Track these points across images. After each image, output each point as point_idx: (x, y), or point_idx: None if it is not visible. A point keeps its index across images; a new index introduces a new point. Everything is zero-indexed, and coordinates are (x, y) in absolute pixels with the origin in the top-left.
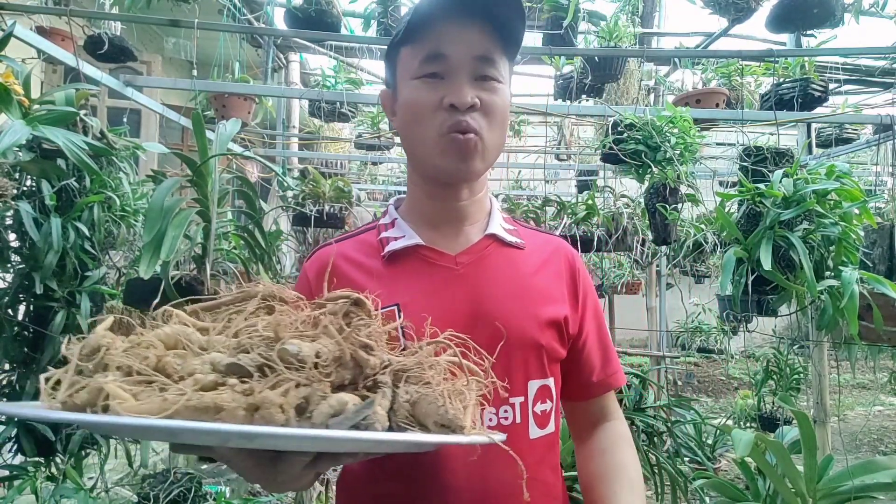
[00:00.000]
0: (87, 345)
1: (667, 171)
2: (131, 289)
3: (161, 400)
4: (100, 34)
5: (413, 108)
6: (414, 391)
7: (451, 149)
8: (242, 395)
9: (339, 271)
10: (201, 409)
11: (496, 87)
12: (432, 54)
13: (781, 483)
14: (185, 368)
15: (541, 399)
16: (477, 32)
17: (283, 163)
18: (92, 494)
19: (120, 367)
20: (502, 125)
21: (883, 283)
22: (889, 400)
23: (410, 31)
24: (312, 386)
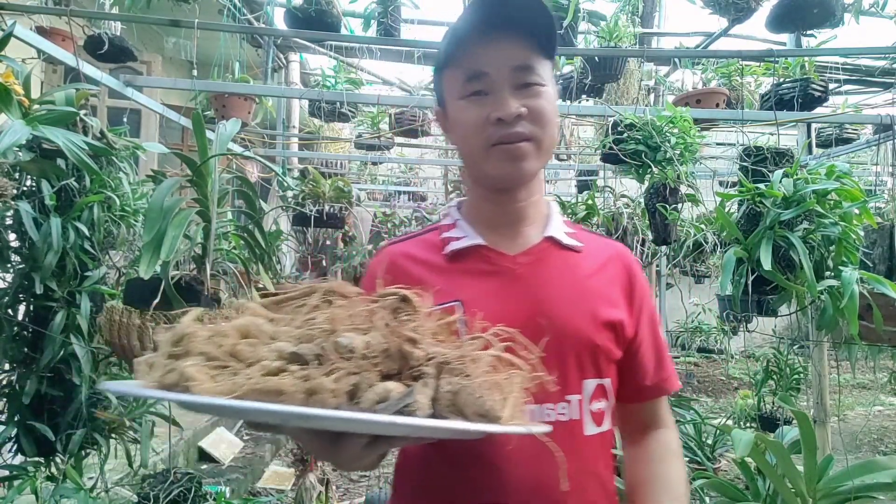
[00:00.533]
0: (176, 333)
1: (667, 171)
2: (131, 289)
3: (231, 383)
4: (100, 34)
5: (464, 127)
6: (455, 382)
7: (502, 157)
8: (301, 380)
9: (403, 269)
10: (265, 391)
11: (539, 91)
12: (473, 74)
13: (781, 483)
14: (255, 355)
15: (596, 398)
16: (511, 44)
17: (283, 163)
18: (92, 494)
19: (201, 353)
20: (552, 123)
21: (883, 283)
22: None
23: (449, 54)
24: (362, 375)
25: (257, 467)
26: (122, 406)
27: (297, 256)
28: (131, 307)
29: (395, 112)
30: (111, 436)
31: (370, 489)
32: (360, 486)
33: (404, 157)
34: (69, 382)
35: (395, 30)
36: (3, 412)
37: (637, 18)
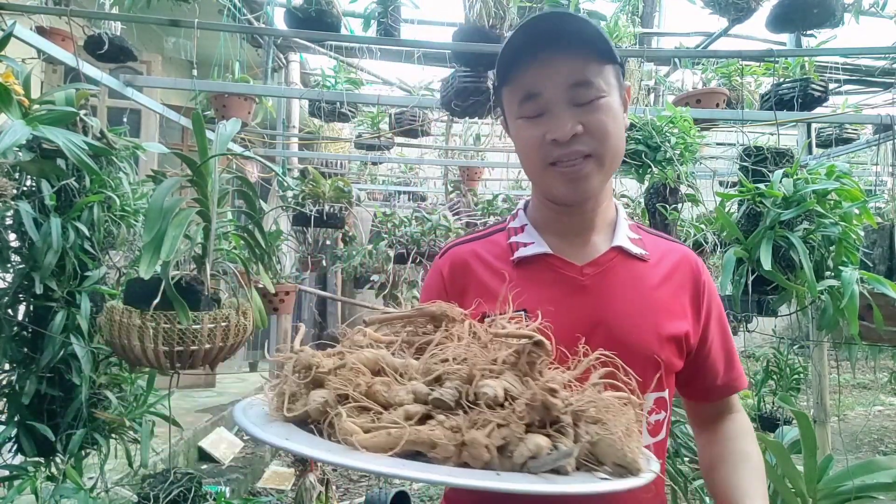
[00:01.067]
0: (300, 362)
1: (667, 171)
2: (131, 289)
3: (386, 434)
4: (100, 34)
5: (521, 146)
6: (594, 432)
7: (559, 180)
8: (451, 431)
9: (470, 270)
10: (419, 443)
11: (598, 105)
12: (527, 95)
13: (781, 483)
14: (392, 397)
15: (656, 410)
16: (567, 61)
17: (283, 163)
18: (92, 494)
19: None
20: (614, 135)
21: (883, 283)
22: (889, 400)
23: (504, 74)
24: (510, 427)
25: (257, 467)
26: (122, 406)
27: (297, 256)
28: (131, 307)
29: (395, 112)
30: (111, 436)
31: (370, 489)
32: (360, 486)
33: (404, 157)
34: (69, 382)
35: (395, 30)
36: (3, 412)
37: (637, 18)
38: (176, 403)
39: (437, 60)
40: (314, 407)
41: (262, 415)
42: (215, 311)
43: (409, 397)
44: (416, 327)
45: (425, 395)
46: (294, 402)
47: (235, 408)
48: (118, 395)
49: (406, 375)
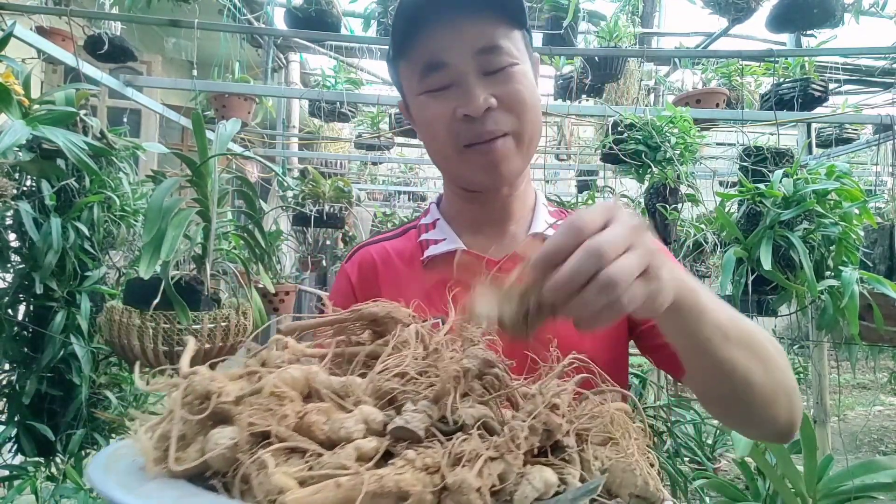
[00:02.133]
0: (193, 391)
1: (667, 171)
2: (131, 289)
3: (335, 487)
4: (100, 34)
5: (428, 126)
6: (605, 457)
7: (477, 162)
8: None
9: (378, 273)
10: (383, 494)
11: (511, 73)
12: (429, 65)
13: (781, 483)
14: (335, 430)
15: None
16: (472, 24)
17: (283, 163)
18: (92, 494)
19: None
20: (533, 108)
21: (883, 283)
22: (889, 400)
23: (400, 43)
24: (505, 458)
25: None
26: (122, 406)
27: (297, 256)
28: (131, 307)
29: (394, 112)
30: (111, 436)
31: None
32: None
33: (404, 157)
34: (69, 382)
35: None
36: (3, 412)
37: (637, 18)
38: None
39: None
40: (218, 453)
41: (133, 470)
42: (215, 311)
43: (360, 428)
44: (349, 336)
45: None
46: (185, 450)
47: (92, 462)
48: (118, 395)
49: (350, 398)
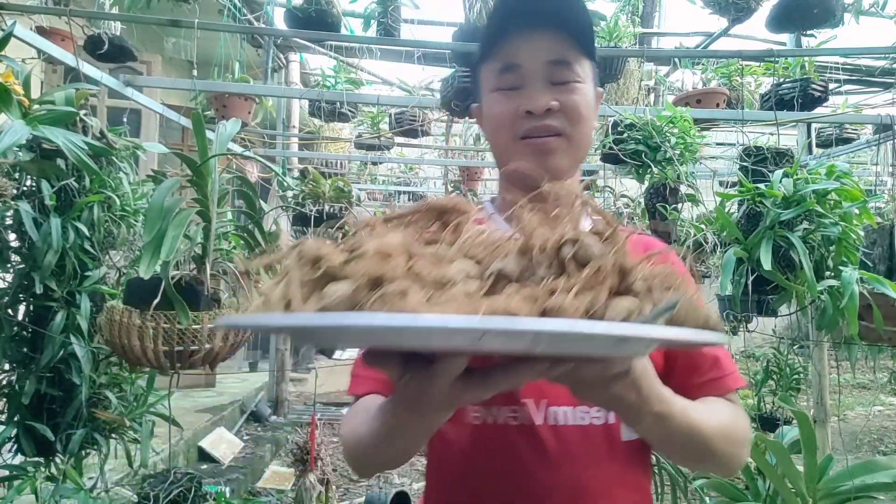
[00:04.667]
0: (304, 255)
1: (667, 171)
2: (131, 289)
3: (457, 307)
4: (100, 34)
5: (494, 119)
6: (670, 296)
7: (528, 151)
8: (529, 300)
9: None
10: (496, 314)
11: (575, 87)
12: (506, 66)
13: (781, 483)
14: (443, 276)
15: None
16: (548, 39)
17: (283, 163)
18: (92, 494)
19: (365, 275)
20: (586, 120)
21: (883, 283)
22: (889, 400)
23: (486, 47)
24: (595, 290)
25: (257, 467)
26: (122, 406)
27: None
28: (131, 307)
29: (395, 112)
30: (111, 436)
31: (370, 489)
32: (360, 486)
33: (404, 157)
34: (69, 382)
35: (395, 30)
36: (3, 412)
37: (637, 18)
38: (176, 403)
39: (437, 60)
40: (339, 298)
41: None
42: (215, 311)
43: (462, 275)
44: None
45: (478, 273)
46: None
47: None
48: (118, 395)
49: (445, 260)
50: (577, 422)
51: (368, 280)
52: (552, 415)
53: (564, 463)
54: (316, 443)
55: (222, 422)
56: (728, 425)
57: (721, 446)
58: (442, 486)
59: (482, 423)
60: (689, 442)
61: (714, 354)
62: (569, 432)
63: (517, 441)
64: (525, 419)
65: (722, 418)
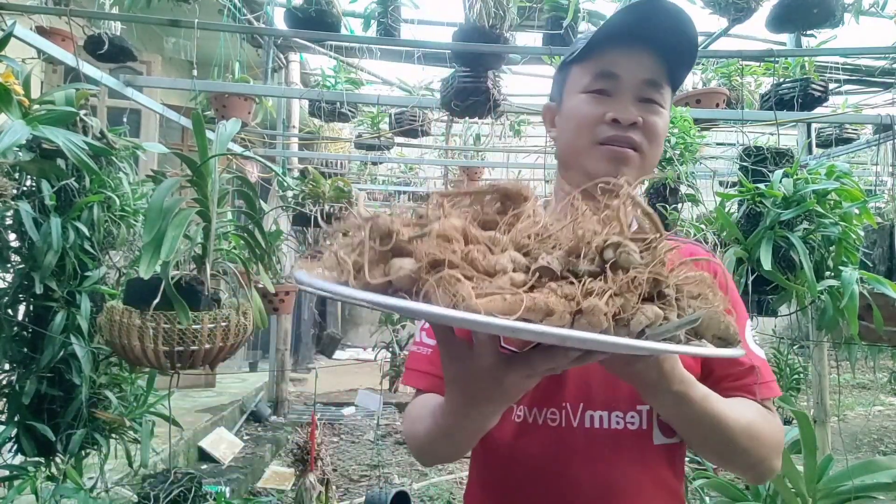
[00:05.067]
0: (378, 228)
1: (667, 171)
2: (131, 289)
3: (502, 300)
4: (100, 34)
5: (576, 119)
6: (696, 305)
7: (607, 156)
8: (566, 299)
9: None
10: (535, 310)
11: (659, 110)
12: (604, 72)
13: (781, 483)
14: (492, 263)
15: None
16: (647, 58)
17: (283, 163)
18: (92, 494)
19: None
20: (660, 144)
21: (883, 283)
22: (889, 400)
23: (586, 51)
24: (625, 296)
25: (257, 467)
26: (122, 406)
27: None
28: (131, 307)
29: (395, 112)
30: (111, 436)
31: (370, 489)
32: (360, 486)
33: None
34: (69, 382)
35: (395, 30)
36: (3, 412)
37: None
38: (176, 403)
39: (437, 60)
40: (404, 274)
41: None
42: (215, 311)
43: (510, 265)
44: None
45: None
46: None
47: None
48: (118, 395)
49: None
50: (612, 426)
51: (430, 261)
52: (588, 418)
53: (597, 463)
54: (316, 443)
55: (222, 422)
56: (754, 425)
57: (745, 443)
58: (485, 479)
59: (523, 422)
60: (710, 431)
61: (751, 364)
62: (603, 435)
63: (555, 441)
64: (563, 420)
65: (749, 416)
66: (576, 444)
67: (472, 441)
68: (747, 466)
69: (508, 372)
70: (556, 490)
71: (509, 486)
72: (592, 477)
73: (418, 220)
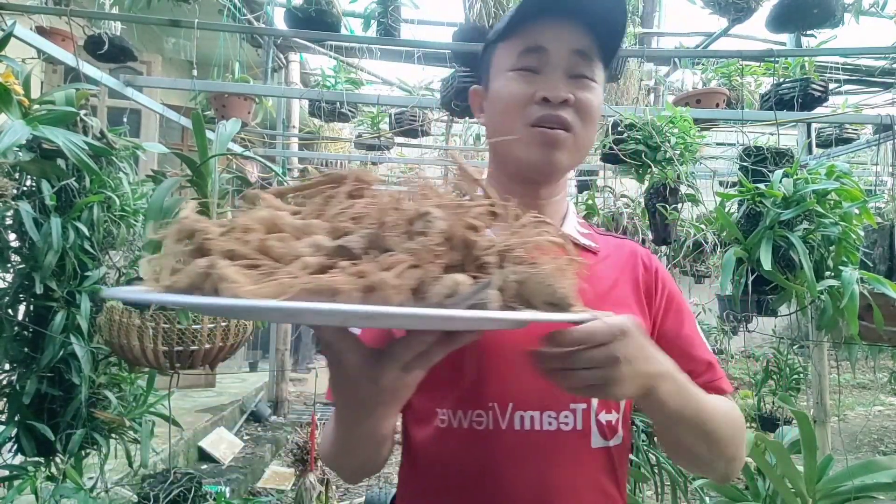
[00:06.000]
0: (182, 229)
1: (667, 171)
2: None
3: (277, 284)
4: (100, 34)
5: (504, 100)
6: (521, 270)
7: (537, 140)
8: (356, 276)
9: None
10: (318, 291)
11: (591, 86)
12: (531, 47)
13: (781, 483)
14: (289, 252)
15: (605, 408)
16: (577, 29)
17: (283, 163)
18: (92, 494)
19: (223, 251)
20: (594, 122)
21: (883, 283)
22: (889, 400)
23: (510, 27)
24: (425, 268)
25: (257, 467)
26: (122, 406)
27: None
28: (131, 307)
29: (395, 112)
30: (111, 436)
31: (370, 489)
32: (360, 487)
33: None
34: (69, 382)
35: (395, 30)
36: (3, 412)
37: (637, 18)
38: (176, 403)
39: (437, 60)
40: (197, 271)
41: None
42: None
43: (309, 250)
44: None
45: (330, 248)
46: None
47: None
48: (118, 395)
49: (309, 234)
50: (544, 427)
51: (223, 255)
52: (518, 419)
53: (530, 466)
54: (316, 443)
55: (222, 422)
56: (731, 414)
57: (726, 431)
58: (412, 490)
59: (448, 427)
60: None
61: (707, 359)
62: (535, 437)
63: (483, 444)
64: (491, 423)
65: (725, 407)
66: (505, 448)
67: (372, 449)
68: (724, 459)
69: (379, 369)
70: (486, 495)
71: (438, 497)
72: (524, 483)
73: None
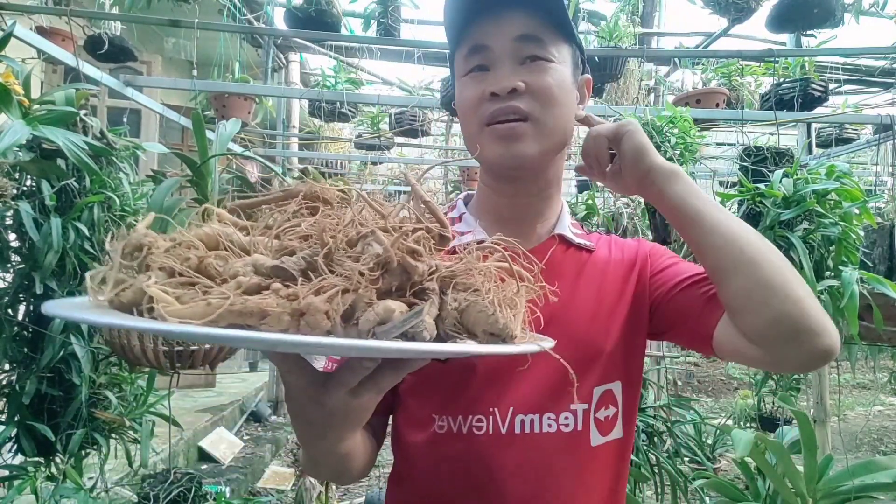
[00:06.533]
0: (130, 243)
1: None
2: None
3: (205, 304)
4: (100, 34)
5: (462, 106)
6: (463, 298)
7: (494, 138)
8: (287, 299)
9: None
10: (245, 313)
11: (547, 66)
12: (473, 47)
13: (781, 483)
14: (228, 270)
15: (604, 405)
16: (515, 17)
17: (283, 163)
18: (92, 494)
19: (162, 268)
20: (558, 103)
21: (883, 283)
22: (889, 400)
23: (454, 33)
24: (358, 292)
25: (257, 467)
26: (122, 406)
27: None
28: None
29: (395, 112)
30: (111, 436)
31: (370, 489)
32: (360, 486)
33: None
34: (69, 382)
35: (395, 30)
36: (3, 412)
37: (637, 18)
38: (176, 403)
39: (437, 60)
40: (135, 288)
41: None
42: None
43: (248, 269)
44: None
45: (269, 268)
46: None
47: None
48: (118, 395)
49: (252, 252)
50: (543, 429)
51: (164, 272)
52: (519, 423)
53: (531, 470)
54: None
55: (222, 422)
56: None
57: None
58: (407, 497)
59: (447, 433)
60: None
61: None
62: (535, 440)
63: (482, 449)
64: (491, 427)
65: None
66: (505, 453)
67: (337, 464)
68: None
69: (326, 392)
70: (485, 500)
71: (434, 501)
72: (524, 486)
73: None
